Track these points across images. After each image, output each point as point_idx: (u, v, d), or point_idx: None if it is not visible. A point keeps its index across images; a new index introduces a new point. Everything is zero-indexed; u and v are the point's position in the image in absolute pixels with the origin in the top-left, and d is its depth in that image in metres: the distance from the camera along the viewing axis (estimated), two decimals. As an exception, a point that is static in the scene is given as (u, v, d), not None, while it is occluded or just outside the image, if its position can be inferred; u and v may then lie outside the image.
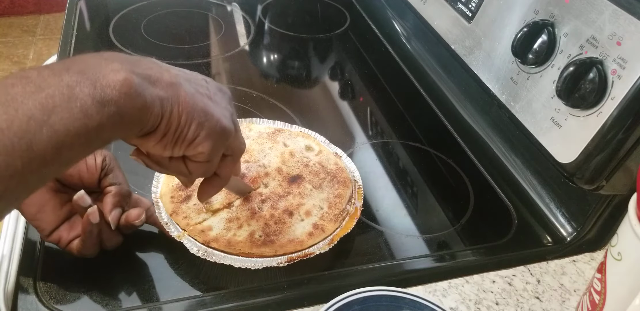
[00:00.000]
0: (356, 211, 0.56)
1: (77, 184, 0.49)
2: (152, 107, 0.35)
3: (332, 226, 0.53)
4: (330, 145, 0.63)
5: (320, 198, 0.55)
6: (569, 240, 0.57)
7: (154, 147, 0.39)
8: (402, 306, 0.46)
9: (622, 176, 0.51)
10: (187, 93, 0.38)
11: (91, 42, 0.86)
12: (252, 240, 0.51)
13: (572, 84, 0.49)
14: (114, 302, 0.48)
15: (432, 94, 0.79)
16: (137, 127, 0.36)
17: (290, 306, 0.48)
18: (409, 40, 0.88)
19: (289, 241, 0.51)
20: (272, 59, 0.91)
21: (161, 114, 0.36)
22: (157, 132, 0.37)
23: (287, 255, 0.50)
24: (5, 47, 2.37)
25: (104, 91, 0.32)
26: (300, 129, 0.64)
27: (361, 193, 0.58)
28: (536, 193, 0.62)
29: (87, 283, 0.49)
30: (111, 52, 0.37)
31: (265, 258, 0.50)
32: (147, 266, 0.52)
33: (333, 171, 0.58)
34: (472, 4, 0.67)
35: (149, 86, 0.35)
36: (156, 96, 0.36)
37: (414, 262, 0.55)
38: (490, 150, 0.68)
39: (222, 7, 1.00)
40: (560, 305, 0.50)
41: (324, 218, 0.53)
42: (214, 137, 0.40)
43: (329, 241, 0.52)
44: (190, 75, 0.42)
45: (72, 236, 0.48)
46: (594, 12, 0.49)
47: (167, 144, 0.39)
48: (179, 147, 0.39)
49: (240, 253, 0.50)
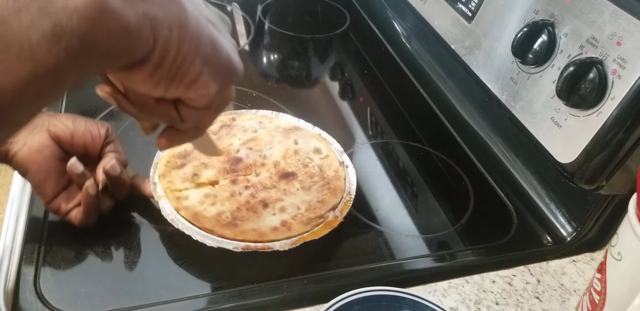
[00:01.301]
0: (335, 220, 0.54)
1: (81, 153, 0.51)
2: (139, 29, 0.26)
3: (301, 228, 0.53)
4: (343, 154, 0.62)
5: (303, 199, 0.55)
6: (569, 240, 0.57)
7: (142, 84, 0.30)
8: (402, 306, 0.46)
9: (622, 176, 0.51)
10: (190, 14, 0.29)
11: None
12: (218, 219, 0.52)
13: (572, 84, 0.49)
14: (114, 302, 0.48)
15: (432, 94, 0.79)
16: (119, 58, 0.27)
17: (290, 306, 0.48)
18: (409, 40, 0.88)
19: (252, 229, 0.52)
20: (272, 59, 0.91)
21: (154, 39, 0.28)
22: (149, 63, 0.29)
23: (246, 243, 0.51)
24: (5, 47, 2.36)
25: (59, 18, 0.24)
26: (320, 132, 0.65)
27: (348, 205, 0.56)
28: (536, 193, 0.62)
29: (87, 282, 0.49)
30: None
31: (223, 239, 0.51)
32: (147, 266, 0.52)
33: (329, 177, 0.58)
34: (472, 4, 0.67)
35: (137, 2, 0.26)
36: (146, 14, 0.27)
37: (414, 262, 0.55)
38: (490, 150, 0.68)
39: (222, 7, 1.00)
40: (560, 305, 0.50)
41: (296, 218, 0.53)
42: (223, 76, 0.32)
43: (293, 242, 0.52)
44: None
45: (70, 207, 0.50)
46: (594, 12, 0.49)
47: (160, 80, 0.30)
48: (175, 86, 0.31)
49: (203, 228, 0.51)
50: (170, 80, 0.30)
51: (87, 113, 0.69)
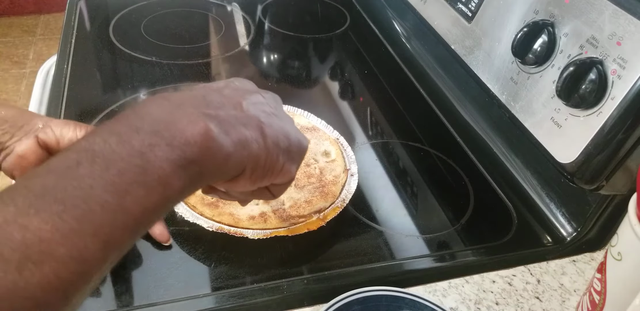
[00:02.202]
0: (316, 223, 0.54)
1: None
2: (236, 154, 0.32)
3: (277, 223, 0.53)
4: (354, 163, 0.62)
5: (291, 196, 0.55)
6: (569, 240, 0.57)
7: (243, 187, 0.36)
8: (402, 306, 0.46)
9: (622, 176, 0.51)
10: (265, 123, 0.35)
11: (91, 42, 0.86)
12: (202, 198, 0.54)
13: (572, 84, 0.49)
14: (114, 301, 0.48)
15: (432, 94, 0.79)
16: (223, 176, 0.33)
17: (290, 306, 0.48)
18: (409, 40, 0.88)
19: (229, 214, 0.53)
20: (272, 59, 0.91)
21: (247, 155, 0.33)
22: (245, 173, 0.34)
23: (220, 224, 0.52)
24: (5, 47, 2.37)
25: (184, 150, 0.28)
26: (338, 136, 0.65)
27: (336, 212, 0.55)
28: (536, 193, 0.62)
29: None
30: (175, 93, 0.33)
31: (202, 217, 0.52)
32: (147, 266, 0.52)
33: (326, 181, 0.58)
34: (472, 4, 0.67)
35: (229, 129, 0.32)
36: (238, 140, 0.32)
37: (414, 262, 0.55)
38: (490, 150, 0.68)
39: (222, 7, 1.00)
40: (560, 305, 0.50)
41: (277, 213, 0.54)
42: (299, 158, 0.39)
43: (265, 234, 0.52)
44: (245, 91, 0.38)
45: None
46: (594, 12, 0.49)
47: (256, 180, 0.36)
48: (267, 179, 0.37)
49: (187, 202, 0.54)
50: (263, 177, 0.36)
51: (87, 113, 0.69)
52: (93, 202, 0.25)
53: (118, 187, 0.26)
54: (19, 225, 0.23)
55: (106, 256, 0.26)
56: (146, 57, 0.82)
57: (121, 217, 0.26)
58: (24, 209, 0.24)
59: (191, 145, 0.29)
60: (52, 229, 0.24)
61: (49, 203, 0.24)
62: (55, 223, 0.24)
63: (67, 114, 0.69)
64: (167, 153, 0.28)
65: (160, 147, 0.28)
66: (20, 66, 2.27)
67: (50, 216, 0.24)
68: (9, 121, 0.47)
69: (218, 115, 0.32)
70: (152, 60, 0.82)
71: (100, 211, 0.25)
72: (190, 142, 0.29)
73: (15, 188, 0.25)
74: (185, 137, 0.29)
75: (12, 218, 0.23)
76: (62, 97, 0.71)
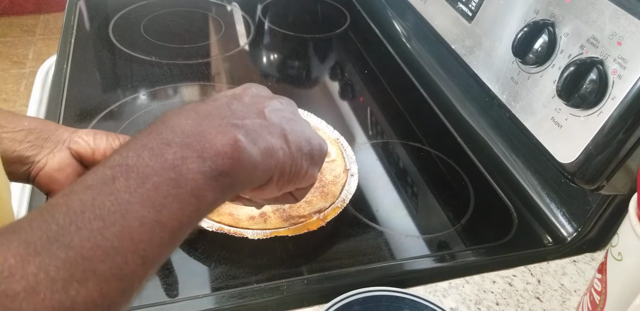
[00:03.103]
0: (316, 223, 0.54)
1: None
2: (264, 163, 0.33)
3: (277, 223, 0.53)
4: (353, 163, 0.62)
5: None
6: (569, 240, 0.57)
7: (270, 194, 0.37)
8: (402, 307, 0.46)
9: (623, 176, 0.51)
10: (287, 130, 0.36)
11: (91, 42, 0.86)
12: None
13: (573, 84, 0.49)
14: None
15: (432, 94, 0.79)
16: (252, 185, 0.33)
17: (290, 306, 0.48)
18: (409, 40, 0.88)
19: (229, 214, 0.53)
20: (272, 59, 0.91)
21: (274, 165, 0.34)
22: (273, 180, 0.35)
23: (220, 224, 0.52)
24: (5, 47, 2.37)
25: (215, 162, 0.29)
26: (338, 136, 0.65)
27: (336, 212, 0.55)
28: (536, 193, 0.62)
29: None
30: (200, 104, 0.33)
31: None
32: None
33: (326, 181, 0.58)
34: (472, 3, 0.67)
35: (256, 138, 0.32)
36: (265, 149, 0.33)
37: (414, 262, 0.55)
38: (491, 150, 0.68)
39: (222, 7, 1.00)
40: (560, 305, 0.50)
41: (277, 213, 0.54)
42: (320, 161, 0.39)
43: (265, 234, 0.52)
44: (263, 97, 0.38)
45: None
46: (595, 12, 0.49)
47: (282, 186, 0.37)
48: (292, 184, 0.38)
49: None
50: (289, 183, 0.37)
51: (86, 113, 0.69)
52: (131, 218, 0.25)
53: (154, 201, 0.26)
54: (62, 244, 0.23)
55: (146, 271, 0.26)
56: (146, 57, 0.82)
57: (158, 232, 0.26)
58: (65, 227, 0.24)
59: (222, 156, 0.29)
60: (94, 246, 0.24)
61: (89, 219, 0.25)
62: (97, 240, 0.24)
63: (67, 114, 0.69)
64: (199, 165, 0.28)
65: (192, 159, 0.28)
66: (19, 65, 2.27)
67: (91, 233, 0.24)
68: (33, 133, 0.45)
69: (245, 125, 0.32)
70: (152, 60, 0.82)
71: (139, 227, 0.26)
72: (220, 154, 0.29)
73: (55, 204, 0.25)
74: (216, 149, 0.29)
75: (54, 237, 0.24)
76: (62, 97, 0.71)
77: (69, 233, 0.24)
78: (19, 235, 0.23)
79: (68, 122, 0.67)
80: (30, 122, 0.46)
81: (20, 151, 0.44)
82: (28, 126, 0.46)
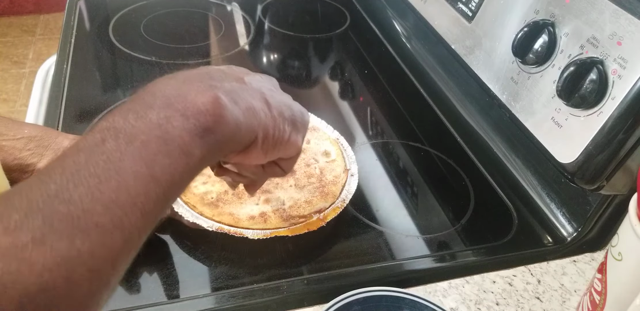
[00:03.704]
0: (316, 223, 0.54)
1: None
2: (247, 122, 0.33)
3: (277, 223, 0.53)
4: (354, 163, 0.61)
5: (291, 196, 0.55)
6: (569, 240, 0.57)
7: (256, 159, 0.37)
8: (402, 307, 0.46)
9: (623, 176, 0.51)
10: (267, 94, 0.37)
11: (91, 42, 0.86)
12: (203, 197, 0.54)
13: (573, 84, 0.49)
14: (114, 302, 0.48)
15: (432, 94, 0.79)
16: (238, 145, 0.34)
17: (290, 306, 0.48)
18: (409, 40, 0.88)
19: (229, 213, 0.53)
20: (272, 59, 0.91)
21: (257, 125, 0.35)
22: (257, 142, 0.35)
23: (220, 224, 0.52)
24: (5, 47, 2.37)
25: (198, 120, 0.30)
26: (338, 137, 0.65)
27: (337, 212, 0.55)
28: (536, 193, 0.62)
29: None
30: (180, 72, 0.34)
31: (202, 217, 0.52)
32: (147, 266, 0.51)
33: (326, 181, 0.58)
34: (472, 3, 0.67)
35: (237, 98, 0.33)
36: (246, 108, 0.34)
37: (414, 262, 0.55)
38: (491, 150, 0.68)
39: (222, 7, 1.00)
40: (560, 305, 0.50)
41: (277, 213, 0.53)
42: (303, 129, 0.40)
43: (265, 234, 0.52)
44: (244, 71, 0.40)
45: None
46: (595, 12, 0.49)
47: (267, 150, 0.37)
48: (277, 150, 0.38)
49: (187, 202, 0.53)
50: (274, 147, 0.37)
51: (86, 113, 0.69)
52: (125, 173, 0.27)
53: (145, 157, 0.28)
54: (62, 199, 0.25)
55: (145, 225, 0.27)
56: (146, 57, 0.82)
57: (153, 187, 0.27)
58: (63, 185, 0.25)
59: (204, 114, 0.30)
60: (93, 200, 0.25)
61: (84, 177, 0.26)
62: (95, 195, 0.25)
63: (67, 114, 0.69)
64: (182, 123, 0.29)
65: (176, 118, 0.29)
66: (19, 65, 2.27)
67: (89, 189, 0.25)
68: (34, 141, 0.45)
69: (223, 86, 0.33)
70: (152, 60, 0.82)
71: (133, 181, 0.27)
72: (202, 111, 0.30)
73: (51, 168, 0.26)
74: (197, 107, 0.30)
75: (54, 194, 0.25)
76: (62, 97, 0.71)
77: (67, 190, 0.25)
78: (20, 195, 0.25)
79: (68, 122, 0.67)
80: (31, 130, 0.46)
81: (20, 159, 0.44)
82: (28, 133, 0.46)
